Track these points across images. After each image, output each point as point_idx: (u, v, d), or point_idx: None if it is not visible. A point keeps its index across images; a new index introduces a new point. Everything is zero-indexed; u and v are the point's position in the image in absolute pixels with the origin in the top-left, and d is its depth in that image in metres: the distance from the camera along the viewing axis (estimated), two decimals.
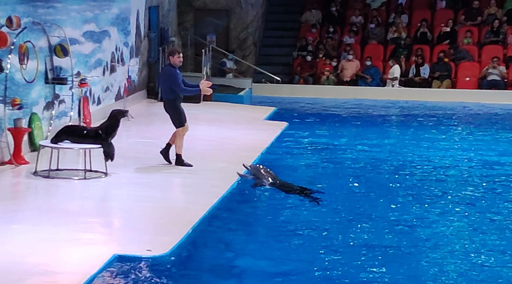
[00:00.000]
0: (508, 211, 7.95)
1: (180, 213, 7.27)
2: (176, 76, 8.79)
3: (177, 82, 8.77)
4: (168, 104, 8.87)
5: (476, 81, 16.22)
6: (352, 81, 16.48)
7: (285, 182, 8.57)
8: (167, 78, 8.80)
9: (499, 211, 7.94)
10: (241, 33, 17.26)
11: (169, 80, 8.76)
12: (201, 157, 9.86)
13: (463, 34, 17.07)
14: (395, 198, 8.38)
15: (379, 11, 17.80)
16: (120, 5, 12.72)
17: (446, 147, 11.29)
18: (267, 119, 13.23)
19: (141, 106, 13.82)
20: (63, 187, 8.11)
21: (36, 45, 9.37)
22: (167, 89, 8.85)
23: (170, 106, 8.87)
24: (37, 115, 9.55)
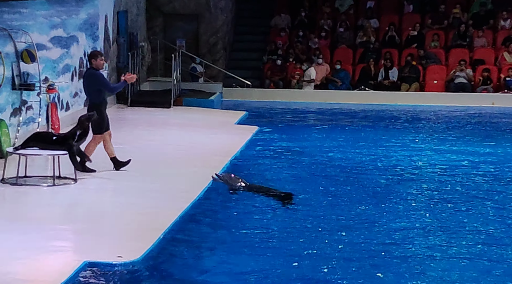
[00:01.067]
0: (466, 210, 8.08)
1: (151, 219, 7.23)
2: (103, 77, 8.72)
3: (105, 83, 8.70)
4: (93, 108, 8.64)
5: (443, 84, 16.44)
6: (322, 84, 16.58)
7: (259, 185, 8.60)
8: (93, 81, 8.63)
9: (466, 209, 8.08)
10: (211, 38, 17.25)
11: (96, 83, 8.61)
12: (172, 161, 9.83)
13: (430, 38, 17.29)
14: (365, 199, 8.45)
15: (348, 15, 17.95)
16: (88, 10, 12.63)
17: (415, 149, 11.42)
18: (237, 123, 13.24)
19: (111, 111, 13.60)
20: (31, 194, 8.02)
21: (2, 51, 9.26)
22: (93, 92, 8.67)
23: (96, 111, 8.62)
24: (4, 122, 9.42)
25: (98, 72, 8.72)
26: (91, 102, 8.77)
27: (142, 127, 12.41)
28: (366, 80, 16.46)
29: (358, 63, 16.98)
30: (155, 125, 12.64)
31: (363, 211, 7.97)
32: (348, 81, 16.60)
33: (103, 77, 8.78)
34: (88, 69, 8.91)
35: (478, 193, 8.82)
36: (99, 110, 8.63)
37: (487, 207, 8.27)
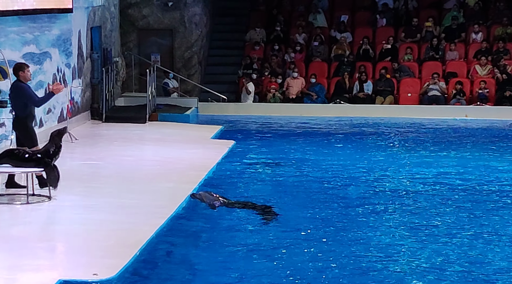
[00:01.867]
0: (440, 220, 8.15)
1: (127, 235, 7.15)
2: (27, 90, 8.44)
3: (30, 96, 8.43)
4: (19, 122, 8.45)
5: (417, 97, 16.59)
6: (298, 98, 16.63)
7: (236, 201, 8.58)
8: (19, 93, 8.41)
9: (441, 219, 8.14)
10: (186, 53, 17.24)
11: (22, 96, 8.39)
12: (148, 177, 9.76)
13: (403, 51, 17.48)
14: (343, 212, 8.46)
15: (322, 29, 18.07)
16: (61, 26, 12.55)
17: (392, 161, 11.49)
18: (214, 138, 13.21)
19: (85, 127, 13.61)
20: (4, 212, 7.90)
21: None
22: (19, 105, 8.44)
23: (20, 125, 8.45)
24: None
25: (24, 84, 8.47)
26: (17, 116, 8.49)
27: (118, 143, 12.33)
28: (341, 93, 16.55)
29: (333, 76, 17.08)
30: (130, 141, 12.56)
31: (342, 224, 7.97)
32: (323, 95, 16.68)
33: (30, 90, 8.50)
34: (15, 82, 8.63)
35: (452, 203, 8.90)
36: (25, 124, 8.40)
37: (460, 218, 8.34)
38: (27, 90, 8.42)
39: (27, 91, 8.41)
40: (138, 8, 16.94)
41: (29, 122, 8.48)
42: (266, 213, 8.17)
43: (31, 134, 8.46)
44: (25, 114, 8.42)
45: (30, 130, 8.46)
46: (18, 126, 8.49)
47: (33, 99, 8.43)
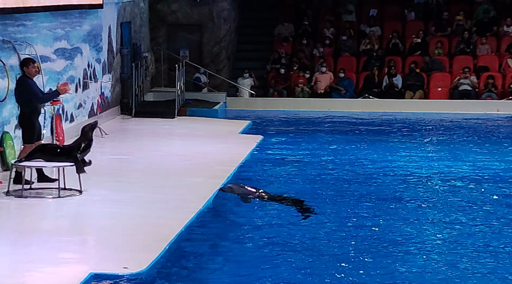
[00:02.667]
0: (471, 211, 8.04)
1: (156, 229, 7.21)
2: (33, 86, 8.39)
3: (34, 92, 8.37)
4: (23, 118, 8.42)
5: (447, 92, 16.41)
6: (326, 93, 16.57)
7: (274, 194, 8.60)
8: (23, 89, 8.39)
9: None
10: (214, 48, 17.28)
11: (26, 92, 8.37)
12: (176, 172, 9.82)
13: (434, 45, 17.29)
14: (378, 207, 8.42)
15: (351, 24, 17.96)
16: (91, 21, 12.67)
17: (423, 157, 11.38)
18: (242, 133, 13.23)
19: (115, 122, 13.74)
20: (36, 206, 8.01)
21: (6, 64, 9.28)
22: (24, 101, 8.42)
23: (24, 120, 8.44)
24: (9, 134, 9.43)
25: (29, 80, 8.45)
26: (21, 111, 8.49)
27: (147, 137, 12.42)
28: (370, 88, 16.45)
29: (361, 71, 16.97)
30: (159, 136, 12.64)
31: (376, 220, 7.92)
32: (352, 89, 16.59)
33: (34, 86, 8.47)
34: (20, 77, 8.60)
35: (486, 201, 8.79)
36: (29, 119, 8.38)
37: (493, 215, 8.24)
38: (31, 86, 8.40)
39: (31, 87, 8.39)
40: (167, 3, 17.03)
41: (33, 118, 8.45)
42: (304, 208, 8.14)
43: (32, 131, 8.42)
44: (29, 110, 8.42)
45: (33, 126, 8.44)
46: (23, 122, 8.50)
47: (36, 96, 8.40)
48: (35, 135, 8.48)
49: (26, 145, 8.53)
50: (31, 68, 8.48)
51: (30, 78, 8.49)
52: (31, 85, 8.41)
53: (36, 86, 8.53)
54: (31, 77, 8.50)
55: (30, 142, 8.43)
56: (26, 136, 8.46)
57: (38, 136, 8.57)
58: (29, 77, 8.49)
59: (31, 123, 8.43)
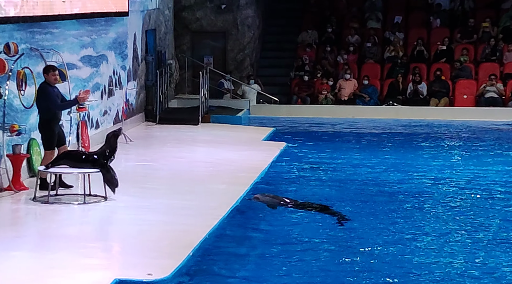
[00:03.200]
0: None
1: (180, 236, 7.23)
2: (51, 94, 8.47)
3: (51, 100, 8.43)
4: (42, 124, 8.50)
5: (473, 99, 16.26)
6: (350, 100, 16.52)
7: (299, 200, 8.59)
8: (43, 96, 8.49)
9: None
10: (238, 55, 17.34)
11: (45, 99, 8.46)
12: (200, 178, 9.85)
13: (459, 52, 17.15)
14: (400, 215, 8.36)
15: (375, 30, 17.90)
16: (117, 29, 12.79)
17: (448, 164, 11.28)
18: (265, 140, 13.23)
19: (139, 129, 13.83)
20: (62, 212, 8.08)
21: (34, 71, 9.39)
22: (43, 108, 8.51)
23: (44, 127, 8.49)
24: (36, 141, 9.54)
25: (49, 87, 8.53)
26: (40, 117, 8.59)
27: (171, 144, 12.48)
28: (394, 95, 16.36)
29: (386, 78, 16.89)
30: (183, 142, 12.70)
31: (399, 227, 7.87)
32: (376, 97, 16.51)
33: (52, 94, 8.52)
34: (41, 84, 8.70)
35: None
36: (48, 126, 8.45)
37: None
38: (50, 93, 8.48)
39: (49, 94, 8.47)
40: (191, 11, 17.13)
41: (53, 125, 8.53)
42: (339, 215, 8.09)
43: (52, 138, 8.50)
44: (48, 117, 8.51)
45: (53, 133, 8.51)
46: (42, 128, 8.60)
47: (54, 103, 8.48)
48: (55, 141, 8.56)
49: (46, 151, 8.63)
50: (50, 75, 8.59)
51: (50, 86, 8.59)
52: (49, 93, 8.50)
53: (55, 94, 8.59)
54: (51, 85, 8.60)
55: (50, 148, 8.53)
56: (46, 142, 8.57)
57: (59, 142, 8.64)
58: (50, 84, 8.59)
59: (51, 129, 8.52)
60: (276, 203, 8.51)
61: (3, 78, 8.63)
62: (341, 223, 7.95)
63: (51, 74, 8.57)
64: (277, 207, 8.47)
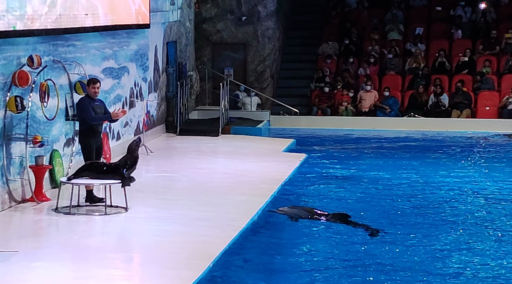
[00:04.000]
0: None
1: (201, 247, 7.24)
2: (87, 106, 8.60)
3: (85, 111, 8.57)
4: (80, 136, 8.69)
5: (496, 111, 16.11)
6: (371, 111, 16.46)
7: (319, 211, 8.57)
8: (80, 107, 8.68)
9: None
10: (259, 66, 17.38)
11: (80, 110, 8.65)
12: (220, 189, 9.85)
13: (481, 63, 17.02)
14: (427, 226, 8.29)
15: (396, 42, 17.85)
16: (138, 41, 12.89)
17: (470, 176, 11.18)
18: (285, 151, 13.22)
19: (160, 140, 13.89)
20: (84, 223, 8.13)
21: (56, 83, 9.49)
22: (80, 120, 8.69)
23: (81, 138, 8.66)
24: (58, 152, 9.62)
25: (86, 99, 8.68)
26: (79, 129, 8.79)
27: (191, 155, 12.51)
28: (415, 106, 16.27)
29: (407, 89, 16.81)
30: (203, 154, 12.73)
31: (431, 240, 7.79)
32: (397, 108, 16.44)
33: (88, 106, 8.61)
34: (83, 96, 8.93)
35: None
36: (85, 137, 8.58)
37: None
38: (86, 106, 8.64)
39: (85, 106, 8.64)
40: (212, 23, 17.23)
41: (90, 137, 8.63)
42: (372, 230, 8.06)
43: (88, 149, 8.61)
44: (84, 128, 8.64)
45: (88, 145, 8.62)
46: (80, 140, 8.77)
47: (88, 116, 8.63)
48: (92, 153, 8.63)
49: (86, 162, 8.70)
50: (90, 88, 8.76)
51: (88, 98, 8.73)
52: (85, 105, 8.66)
53: (90, 106, 8.71)
54: (92, 97, 8.73)
55: (89, 159, 8.61)
56: (85, 154, 8.68)
57: (98, 154, 8.69)
58: (90, 97, 8.73)
59: (87, 141, 8.63)
60: (305, 215, 8.49)
61: (27, 90, 8.74)
62: (371, 235, 7.89)
63: (91, 87, 8.74)
64: (298, 220, 8.45)
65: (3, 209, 8.45)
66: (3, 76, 8.51)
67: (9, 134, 8.59)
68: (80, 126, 8.74)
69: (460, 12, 18.17)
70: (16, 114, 8.63)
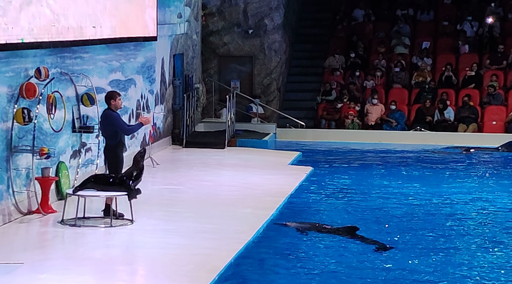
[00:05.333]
0: None
1: (206, 260, 7.22)
2: (118, 119, 8.56)
3: (120, 124, 8.51)
4: (109, 150, 8.53)
5: (503, 125, 16.07)
6: (377, 125, 16.44)
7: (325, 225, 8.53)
8: (109, 122, 8.53)
9: None
10: (265, 79, 17.41)
11: (113, 124, 8.49)
12: (226, 202, 9.84)
13: (488, 78, 17.01)
14: (436, 241, 8.25)
15: (403, 56, 17.86)
16: (145, 53, 12.94)
17: (474, 190, 11.14)
18: (291, 164, 13.20)
19: (166, 152, 13.91)
20: (89, 235, 8.13)
21: (63, 95, 9.52)
22: (110, 134, 8.53)
23: (110, 153, 8.52)
24: (64, 164, 9.64)
25: (115, 113, 8.60)
26: (107, 144, 8.60)
27: (197, 168, 12.52)
28: (421, 120, 16.25)
29: (413, 103, 16.80)
30: (209, 166, 12.73)
31: (441, 253, 7.75)
32: (403, 122, 16.42)
33: (119, 118, 8.60)
34: (105, 110, 8.67)
35: None
36: (114, 152, 8.49)
37: None
38: (117, 119, 8.59)
39: (117, 120, 8.58)
40: (219, 35, 17.29)
41: (119, 150, 8.59)
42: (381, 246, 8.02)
43: (118, 162, 8.57)
44: (115, 143, 8.56)
45: (118, 158, 8.58)
46: (108, 154, 8.65)
47: (123, 128, 8.59)
48: (121, 166, 8.57)
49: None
50: (118, 100, 8.65)
51: (114, 111, 8.65)
52: (116, 118, 8.58)
53: (121, 119, 8.71)
54: (116, 110, 8.66)
55: (116, 173, 8.51)
56: (112, 168, 8.57)
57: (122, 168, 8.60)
58: (114, 110, 8.64)
59: (117, 155, 8.55)
60: (307, 229, 8.48)
61: (34, 102, 8.77)
62: (380, 250, 7.86)
63: (118, 100, 8.65)
64: (307, 233, 8.44)
65: (9, 220, 8.46)
66: (10, 88, 8.56)
67: (16, 146, 8.62)
68: (110, 141, 8.55)
69: (467, 26, 18.19)
70: (23, 126, 8.66)
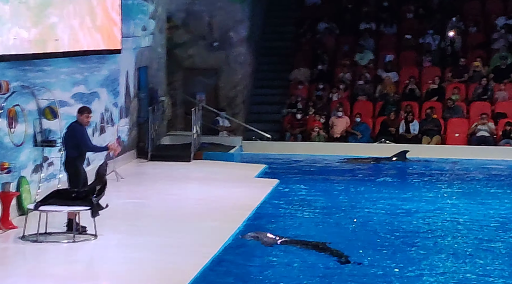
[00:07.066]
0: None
1: (171, 275, 7.13)
2: (84, 134, 8.56)
3: (84, 139, 8.51)
4: (69, 163, 8.49)
5: (465, 137, 16.31)
6: (342, 137, 16.54)
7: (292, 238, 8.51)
8: (74, 134, 8.52)
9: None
10: (230, 92, 17.41)
11: (76, 137, 8.48)
12: (192, 216, 9.77)
13: (451, 91, 17.28)
14: (400, 251, 8.29)
15: (367, 68, 18.04)
16: (109, 66, 12.82)
17: (440, 202, 11.26)
18: (258, 176, 13.19)
19: (131, 166, 13.77)
20: (51, 251, 7.98)
21: (25, 109, 9.37)
22: (71, 146, 8.51)
23: (70, 166, 8.48)
24: (25, 179, 9.46)
25: (81, 127, 8.59)
26: (67, 155, 8.56)
27: (163, 181, 12.41)
28: (386, 133, 16.41)
29: (378, 115, 16.96)
30: (175, 180, 12.64)
31: (402, 263, 7.79)
32: (368, 134, 16.55)
33: (85, 133, 8.59)
34: (73, 122, 8.74)
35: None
36: (75, 164, 8.45)
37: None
38: (83, 134, 8.56)
39: (82, 134, 8.54)
40: (184, 48, 17.24)
41: (78, 163, 8.53)
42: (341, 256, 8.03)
43: (79, 175, 8.50)
44: (75, 155, 8.50)
45: (78, 171, 8.51)
46: (68, 167, 8.56)
47: (86, 144, 8.56)
48: (81, 180, 8.48)
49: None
50: (84, 117, 8.62)
51: (81, 125, 8.62)
52: (82, 132, 8.56)
53: (86, 134, 8.67)
54: (83, 125, 8.62)
55: (76, 187, 8.43)
56: (73, 182, 8.48)
57: (84, 183, 8.50)
58: (81, 124, 8.61)
59: (77, 168, 8.48)
60: (269, 242, 8.44)
61: None
62: (341, 262, 7.86)
63: (85, 116, 8.62)
64: (272, 245, 8.40)
65: None
66: None
67: None
68: (71, 153, 8.51)
69: (429, 40, 18.47)
70: None
